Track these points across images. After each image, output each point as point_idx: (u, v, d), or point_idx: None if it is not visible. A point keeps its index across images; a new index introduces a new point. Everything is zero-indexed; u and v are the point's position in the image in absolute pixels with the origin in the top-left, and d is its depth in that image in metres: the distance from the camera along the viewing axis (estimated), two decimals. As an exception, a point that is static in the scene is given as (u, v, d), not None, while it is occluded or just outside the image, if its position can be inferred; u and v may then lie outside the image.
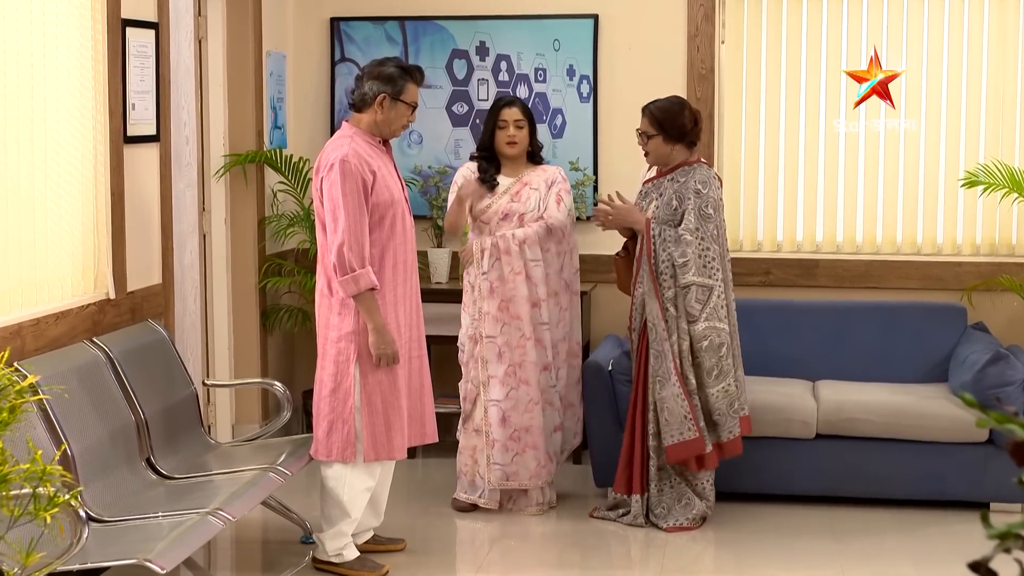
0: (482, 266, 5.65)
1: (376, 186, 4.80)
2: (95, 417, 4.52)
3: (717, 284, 5.41)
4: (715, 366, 5.40)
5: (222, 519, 4.23)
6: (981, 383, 5.68)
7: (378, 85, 4.88)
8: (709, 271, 5.40)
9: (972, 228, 6.62)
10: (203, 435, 5.25)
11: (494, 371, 5.63)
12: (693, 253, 5.38)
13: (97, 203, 4.97)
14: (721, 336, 5.40)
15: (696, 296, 5.39)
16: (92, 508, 4.29)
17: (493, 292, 5.63)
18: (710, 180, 5.48)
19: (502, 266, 5.63)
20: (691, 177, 5.48)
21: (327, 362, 4.88)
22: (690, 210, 5.42)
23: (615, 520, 5.63)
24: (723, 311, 5.43)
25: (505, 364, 5.63)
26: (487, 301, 5.63)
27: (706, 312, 5.39)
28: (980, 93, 6.55)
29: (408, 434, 4.98)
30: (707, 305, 5.39)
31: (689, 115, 5.54)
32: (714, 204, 5.44)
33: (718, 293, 5.41)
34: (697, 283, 5.39)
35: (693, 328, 5.40)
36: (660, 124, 5.51)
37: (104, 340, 4.83)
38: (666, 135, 5.51)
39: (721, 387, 5.42)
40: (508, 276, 5.63)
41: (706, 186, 5.45)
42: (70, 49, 4.79)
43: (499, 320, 5.63)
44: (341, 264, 4.73)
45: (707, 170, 5.53)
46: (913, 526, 5.60)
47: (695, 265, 5.38)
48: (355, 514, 4.94)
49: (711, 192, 5.45)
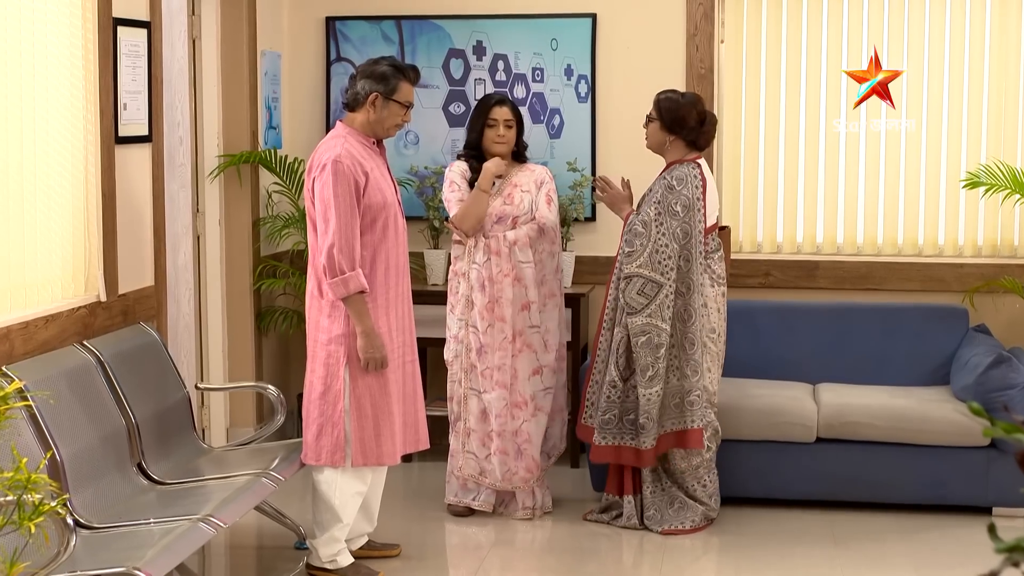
0: (476, 257, 5.57)
1: (368, 188, 4.74)
2: (85, 422, 4.45)
3: (668, 283, 5.33)
4: (649, 366, 5.31)
5: (213, 526, 4.17)
6: (983, 386, 5.64)
7: (370, 84, 4.82)
8: (661, 268, 5.32)
9: (974, 229, 6.57)
10: (196, 439, 5.19)
11: (475, 361, 5.57)
12: (642, 245, 5.32)
13: (88, 204, 4.91)
14: (661, 337, 5.32)
15: (639, 288, 5.32)
16: (81, 514, 4.23)
17: (484, 288, 5.56)
18: (687, 178, 5.39)
19: (492, 266, 5.57)
20: (671, 174, 5.43)
21: (317, 365, 4.83)
22: (652, 203, 5.37)
23: (608, 523, 5.59)
24: (668, 312, 5.33)
25: (485, 364, 5.57)
26: (476, 294, 5.57)
27: (650, 309, 5.31)
28: (982, 93, 6.51)
29: (402, 440, 4.93)
30: (653, 301, 5.31)
31: (696, 114, 5.48)
32: (684, 203, 5.36)
33: (667, 293, 5.33)
34: (643, 276, 5.32)
35: (631, 320, 5.33)
36: (660, 110, 5.49)
37: (95, 343, 4.77)
38: (663, 123, 5.47)
39: (654, 390, 5.32)
40: (497, 277, 5.57)
41: (681, 183, 5.39)
42: (60, 49, 4.73)
43: (484, 319, 5.56)
44: (331, 266, 4.67)
45: (690, 168, 5.44)
46: (914, 531, 5.56)
47: (642, 257, 5.31)
48: (347, 519, 4.88)
49: (684, 190, 5.37)
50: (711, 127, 5.53)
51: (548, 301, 5.69)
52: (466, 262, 5.62)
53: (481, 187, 5.55)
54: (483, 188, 5.56)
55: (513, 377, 5.58)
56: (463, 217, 5.56)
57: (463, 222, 5.57)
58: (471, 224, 5.56)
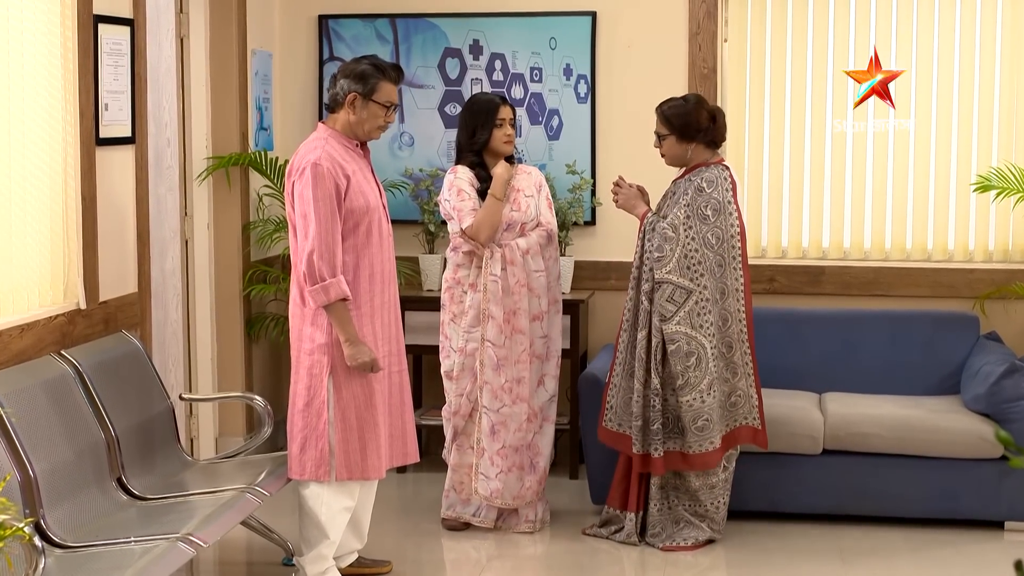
0: (494, 268, 5.39)
1: (350, 191, 4.60)
2: (62, 435, 4.30)
3: (699, 289, 5.18)
4: (680, 374, 5.18)
5: (193, 545, 4.00)
6: (996, 397, 5.53)
7: (349, 84, 4.69)
8: (690, 274, 5.18)
9: (984, 234, 6.45)
10: (180, 452, 5.02)
11: (489, 378, 5.40)
12: (671, 250, 5.16)
13: (67, 208, 4.75)
14: (691, 345, 5.17)
15: (669, 295, 5.18)
16: (56, 533, 4.07)
17: (500, 301, 5.39)
18: (717, 181, 5.24)
19: (508, 276, 5.40)
20: (701, 176, 5.26)
21: (300, 375, 4.71)
22: (681, 206, 5.20)
23: (607, 537, 5.44)
24: (700, 319, 5.19)
25: (502, 378, 5.41)
26: (495, 307, 5.39)
27: (680, 315, 5.17)
28: (993, 95, 6.40)
29: (389, 453, 4.80)
30: (682, 308, 5.17)
31: (705, 113, 5.33)
32: (715, 206, 5.21)
33: (697, 299, 5.18)
34: (673, 282, 5.17)
35: (665, 327, 5.19)
36: (671, 123, 5.31)
37: (73, 353, 4.61)
38: (679, 134, 5.30)
39: (686, 399, 5.20)
40: (514, 288, 5.40)
41: (711, 186, 5.23)
42: (37, 47, 4.57)
43: (502, 332, 5.39)
44: (311, 273, 4.54)
45: (719, 170, 5.29)
46: (924, 547, 5.43)
47: (672, 263, 5.16)
48: (334, 536, 4.74)
49: (715, 193, 5.22)
50: (722, 120, 5.40)
51: (551, 308, 5.54)
52: (475, 272, 5.43)
53: (496, 195, 5.38)
54: (498, 196, 5.39)
55: (523, 391, 5.42)
56: (479, 228, 5.37)
57: (479, 233, 5.38)
58: (487, 234, 5.39)
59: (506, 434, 5.44)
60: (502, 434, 5.44)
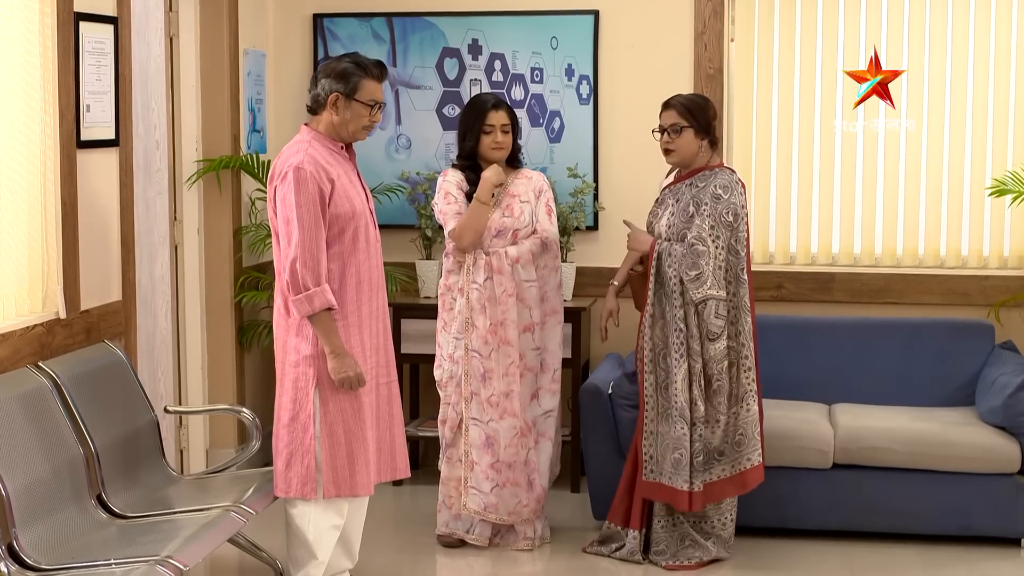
0: (476, 276, 5.23)
1: (335, 196, 4.45)
2: (38, 450, 4.13)
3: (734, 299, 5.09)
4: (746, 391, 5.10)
5: (172, 569, 3.82)
6: (1013, 409, 5.40)
7: (331, 83, 4.54)
8: (720, 284, 5.03)
9: (999, 239, 6.34)
10: (164, 467, 4.85)
11: (476, 389, 5.23)
12: (707, 264, 4.99)
13: (45, 214, 4.58)
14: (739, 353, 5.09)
15: (716, 311, 5.03)
16: (30, 555, 3.90)
17: (484, 310, 5.22)
18: (732, 185, 5.08)
19: (494, 285, 5.23)
20: (711, 182, 5.10)
21: (285, 387, 4.56)
22: (705, 216, 5.03)
23: (608, 556, 5.28)
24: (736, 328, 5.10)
25: (489, 391, 5.23)
26: (478, 316, 5.22)
27: (727, 329, 5.04)
28: (1008, 97, 6.28)
29: (377, 468, 4.64)
30: (727, 321, 5.04)
31: (713, 110, 5.23)
32: (734, 212, 5.05)
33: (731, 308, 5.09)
34: (715, 296, 5.01)
35: (713, 347, 5.01)
36: (692, 114, 5.15)
37: (51, 364, 4.45)
38: (697, 127, 5.15)
39: (743, 407, 5.09)
40: (501, 297, 5.23)
41: (728, 191, 5.06)
42: (14, 45, 4.41)
43: (488, 343, 5.22)
44: (294, 282, 4.40)
45: (729, 175, 5.14)
46: (938, 565, 5.30)
47: (710, 276, 4.98)
48: (322, 556, 4.59)
49: (732, 199, 5.05)
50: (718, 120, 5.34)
51: (549, 319, 5.39)
52: (463, 279, 5.27)
53: (481, 199, 5.22)
54: (483, 200, 5.23)
55: (513, 404, 5.24)
56: (462, 232, 5.23)
57: (461, 238, 5.23)
58: (470, 239, 5.23)
59: (498, 448, 5.26)
60: (494, 447, 5.26)
